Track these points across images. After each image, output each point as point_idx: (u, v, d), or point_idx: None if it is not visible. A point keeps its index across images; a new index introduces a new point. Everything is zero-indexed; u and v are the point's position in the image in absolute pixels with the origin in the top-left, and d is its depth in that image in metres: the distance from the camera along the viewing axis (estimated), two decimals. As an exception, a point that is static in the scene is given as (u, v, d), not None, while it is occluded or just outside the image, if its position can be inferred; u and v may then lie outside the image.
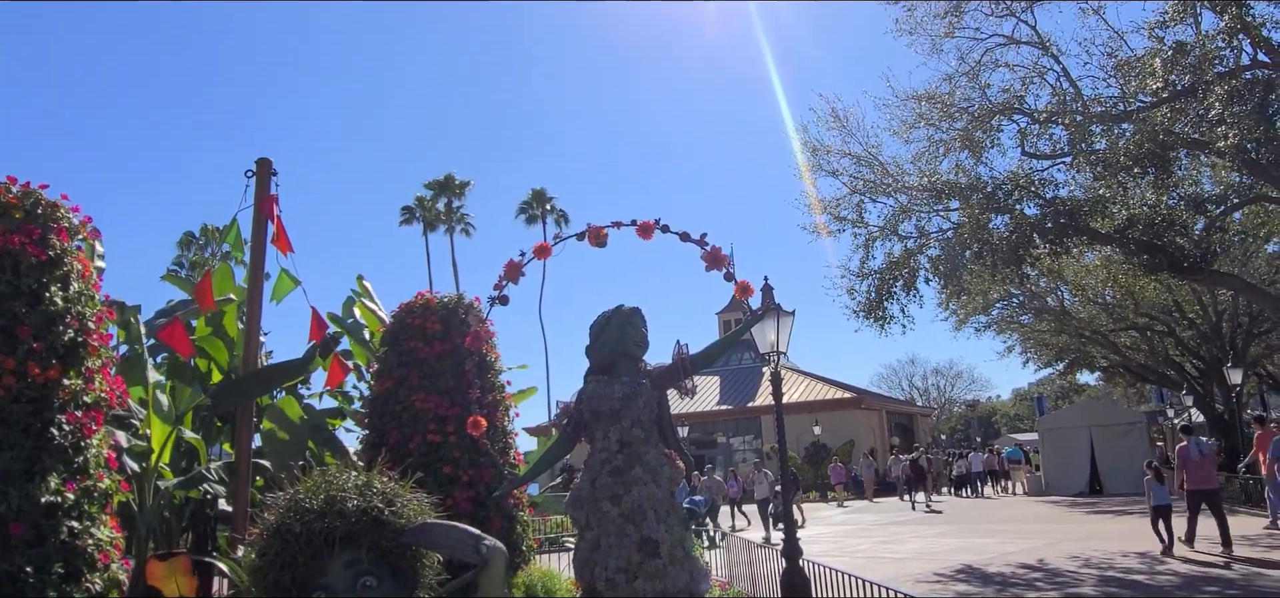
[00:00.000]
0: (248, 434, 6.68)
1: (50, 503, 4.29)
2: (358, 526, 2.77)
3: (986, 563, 13.40)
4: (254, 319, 6.89)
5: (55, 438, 4.42)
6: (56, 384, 4.52)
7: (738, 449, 39.14)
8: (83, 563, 4.39)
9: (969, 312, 28.24)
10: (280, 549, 2.75)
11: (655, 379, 5.46)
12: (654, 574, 4.91)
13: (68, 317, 4.65)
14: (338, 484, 2.86)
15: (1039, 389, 58.18)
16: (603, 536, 5.08)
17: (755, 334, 8.57)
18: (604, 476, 5.18)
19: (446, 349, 7.22)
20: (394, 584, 2.85)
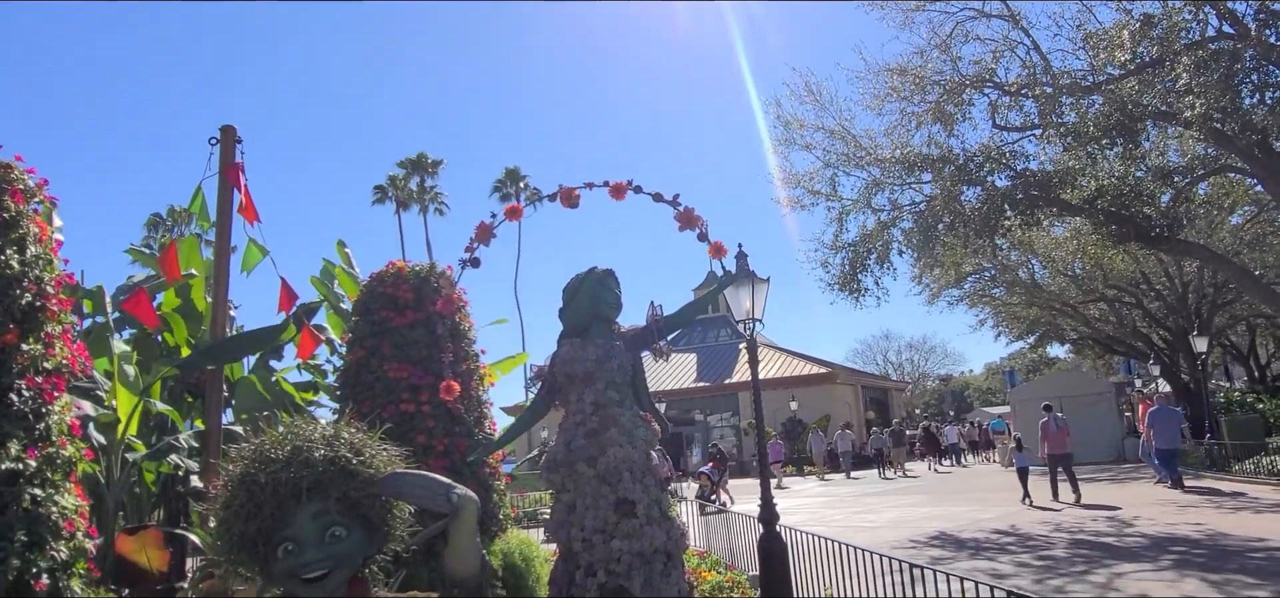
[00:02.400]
0: (217, 405, 6.58)
1: (10, 470, 4.18)
2: (325, 476, 2.69)
3: (960, 530, 13.58)
4: (221, 289, 6.77)
5: (14, 404, 4.31)
6: (14, 349, 4.40)
7: (715, 426, 39.30)
8: (47, 531, 4.30)
9: (942, 285, 28.49)
10: (245, 500, 2.67)
11: (629, 341, 5.45)
12: (631, 534, 4.91)
13: (25, 281, 4.52)
14: (304, 435, 2.78)
15: (1010, 363, 59.00)
16: (578, 497, 5.07)
17: (730, 301, 8.56)
18: (579, 438, 5.16)
19: (418, 318, 7.14)
20: (363, 535, 2.78)
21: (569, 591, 5.01)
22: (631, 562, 4.91)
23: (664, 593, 4.95)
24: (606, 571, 4.91)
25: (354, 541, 2.75)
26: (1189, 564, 9.48)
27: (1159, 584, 8.53)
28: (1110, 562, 9.91)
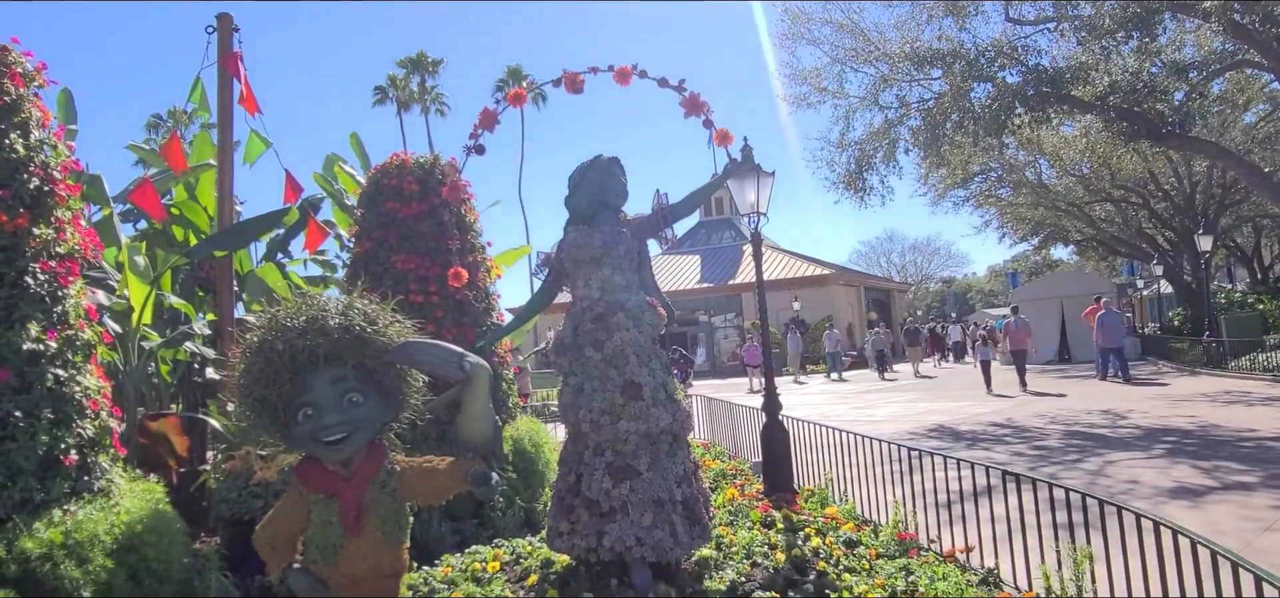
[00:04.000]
0: (229, 295, 6.66)
1: (32, 350, 4.28)
2: (340, 344, 2.78)
3: (958, 423, 13.84)
4: (225, 176, 6.77)
5: (30, 287, 4.38)
6: (26, 233, 4.44)
7: (718, 328, 39.62)
8: (72, 410, 4.42)
9: (947, 185, 28.30)
10: (264, 367, 2.76)
11: (635, 229, 5.47)
12: (637, 415, 5.03)
13: (31, 165, 4.54)
14: (318, 305, 2.86)
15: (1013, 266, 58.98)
16: (586, 380, 5.18)
17: (735, 194, 8.55)
18: (586, 322, 5.24)
19: (424, 209, 7.15)
20: (380, 402, 2.89)
21: (578, 470, 5.16)
22: (638, 442, 5.04)
23: (670, 472, 5.10)
24: (614, 451, 5.05)
25: (371, 407, 2.85)
26: (1180, 453, 9.70)
27: (1150, 470, 8.75)
28: (1103, 451, 10.14)
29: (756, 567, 5.32)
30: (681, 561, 5.28)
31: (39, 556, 3.87)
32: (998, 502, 5.22)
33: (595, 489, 4.98)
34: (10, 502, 4.02)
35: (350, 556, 2.77)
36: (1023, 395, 17.52)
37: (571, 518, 5.10)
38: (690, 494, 5.22)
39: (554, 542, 5.26)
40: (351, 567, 2.77)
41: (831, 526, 6.21)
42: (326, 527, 2.77)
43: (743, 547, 5.65)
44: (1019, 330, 19.72)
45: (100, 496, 4.45)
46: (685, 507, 5.15)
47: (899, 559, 5.30)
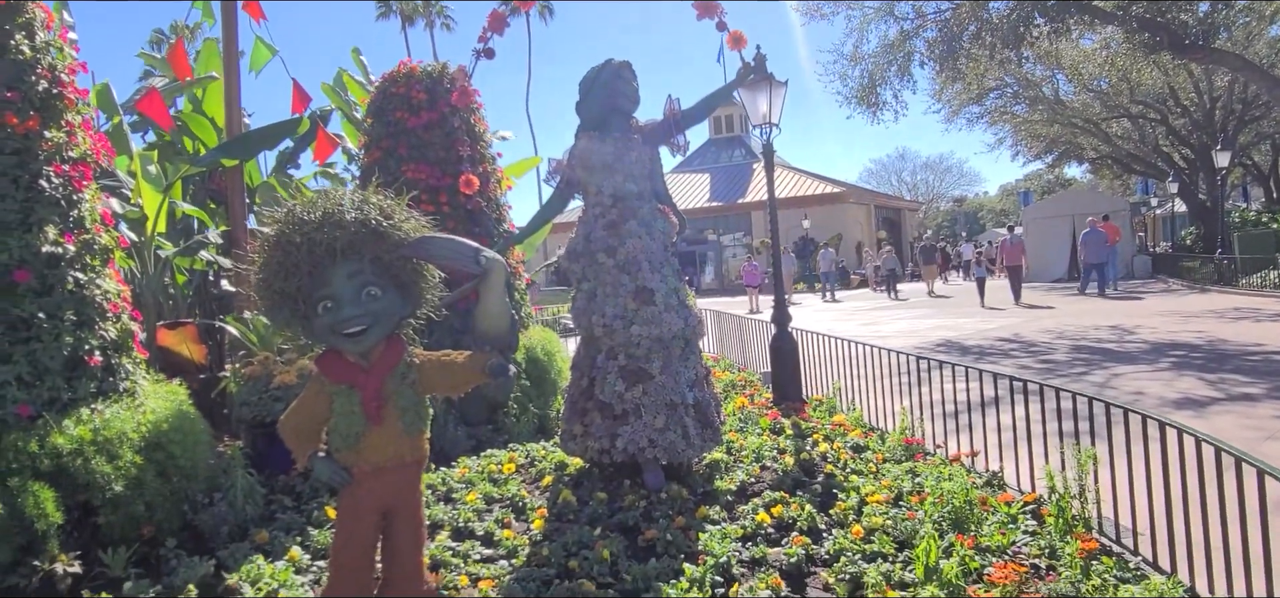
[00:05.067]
0: (241, 205, 6.68)
1: (51, 253, 4.32)
2: (357, 237, 2.80)
3: (965, 338, 13.90)
4: (233, 86, 6.72)
5: (45, 190, 4.40)
6: (37, 136, 4.44)
7: (727, 246, 39.56)
8: (93, 312, 4.49)
9: (962, 102, 27.86)
10: (283, 260, 2.79)
11: (647, 135, 5.44)
12: (649, 320, 5.08)
13: (38, 67, 4.51)
14: (334, 199, 2.87)
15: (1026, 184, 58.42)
16: (598, 286, 5.22)
17: (747, 103, 8.45)
18: (598, 229, 5.25)
19: (433, 119, 7.10)
20: (397, 297, 2.92)
21: (591, 374, 5.24)
22: (651, 346, 5.10)
23: (682, 376, 5.17)
24: (627, 355, 5.11)
25: (389, 301, 2.89)
26: (1187, 366, 9.75)
27: (1156, 383, 8.82)
28: (1109, 364, 10.20)
29: (766, 469, 5.43)
30: (693, 462, 5.39)
31: (70, 451, 3.98)
32: (1004, 412, 5.29)
33: (608, 393, 5.07)
34: (39, 400, 4.11)
35: (372, 444, 2.84)
36: (1021, 310, 18.23)
37: (585, 421, 5.19)
38: (702, 398, 5.30)
39: (568, 445, 5.37)
40: (374, 455, 2.85)
41: (839, 432, 6.31)
42: (348, 416, 2.83)
43: (752, 451, 5.76)
44: (1014, 247, 21.05)
45: (125, 396, 4.55)
46: (697, 410, 5.24)
47: (905, 463, 5.40)
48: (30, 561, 3.76)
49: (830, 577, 3.83)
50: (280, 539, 4.38)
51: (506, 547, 4.26)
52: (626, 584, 3.77)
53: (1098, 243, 20.97)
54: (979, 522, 4.25)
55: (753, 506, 4.71)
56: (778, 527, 4.45)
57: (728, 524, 4.46)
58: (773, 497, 4.78)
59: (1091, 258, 21.04)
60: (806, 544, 4.10)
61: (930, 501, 4.47)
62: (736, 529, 4.35)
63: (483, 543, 4.36)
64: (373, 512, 2.91)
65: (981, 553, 3.90)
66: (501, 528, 4.52)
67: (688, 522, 4.47)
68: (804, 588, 3.83)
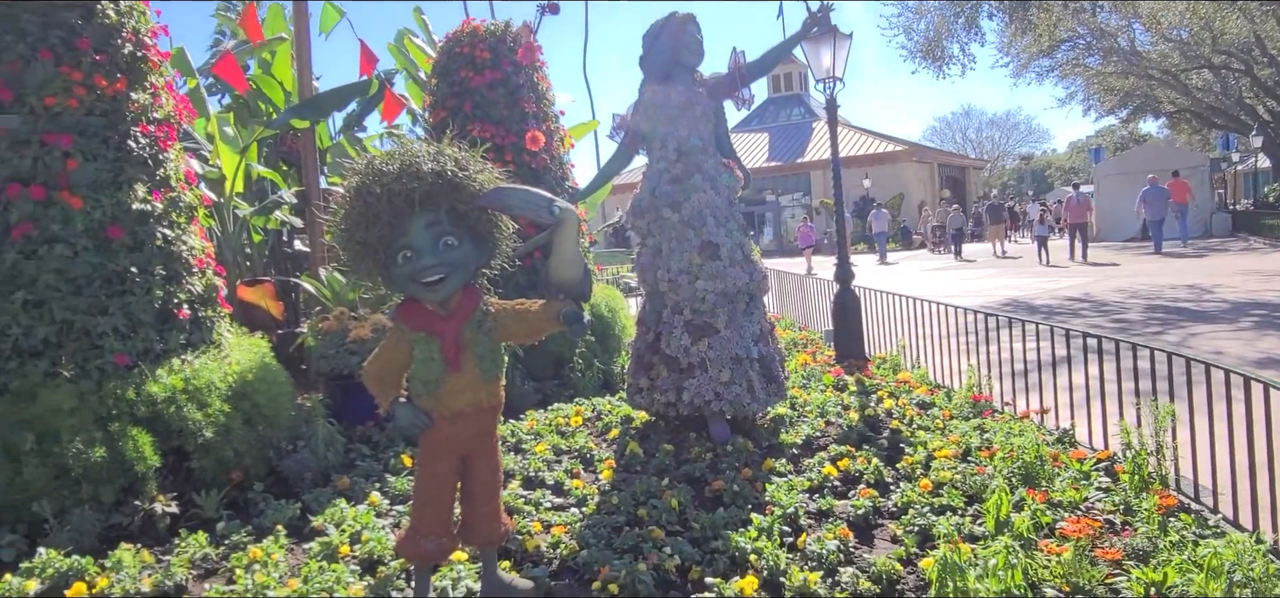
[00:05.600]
0: (313, 165, 6.86)
1: (140, 211, 4.52)
2: (434, 187, 2.86)
3: (1033, 298, 13.57)
4: (303, 48, 6.87)
5: (133, 150, 4.59)
6: (125, 97, 4.62)
7: (786, 206, 39.13)
8: (180, 267, 4.69)
9: (1032, 54, 26.86)
10: (363, 211, 2.87)
11: (712, 89, 5.42)
12: (715, 275, 5.09)
13: (123, 31, 4.69)
14: (412, 151, 2.94)
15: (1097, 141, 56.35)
16: (664, 241, 5.25)
17: (810, 58, 8.32)
18: (663, 184, 5.27)
19: (497, 77, 7.16)
20: (473, 246, 2.99)
21: (657, 328, 5.29)
22: (716, 301, 5.12)
23: (747, 330, 5.19)
24: (692, 309, 5.14)
25: (465, 250, 2.96)
26: (1270, 326, 9.38)
27: (1236, 343, 8.51)
28: (1186, 323, 9.87)
29: (830, 424, 5.43)
30: (758, 416, 5.42)
31: (164, 399, 4.19)
32: (1076, 371, 5.17)
33: (674, 347, 5.11)
34: (134, 350, 4.33)
35: (451, 390, 2.93)
36: (1089, 269, 17.82)
37: (651, 375, 5.25)
38: (766, 353, 5.31)
39: (634, 398, 5.44)
40: (453, 400, 2.94)
41: (904, 389, 6.26)
42: (428, 363, 2.92)
43: (816, 406, 5.75)
44: (1079, 205, 20.85)
45: (212, 348, 4.76)
46: (761, 364, 5.25)
47: (973, 420, 5.34)
48: (132, 501, 3.99)
49: (898, 529, 3.83)
50: (360, 485, 4.56)
51: (576, 496, 4.36)
52: (695, 532, 3.83)
53: (1158, 199, 20.84)
54: (1050, 478, 4.20)
55: (818, 459, 4.73)
56: (844, 480, 4.46)
57: (794, 477, 4.49)
58: (838, 450, 4.79)
59: (1151, 214, 20.97)
60: (874, 497, 4.10)
61: (1000, 456, 4.43)
62: (803, 482, 4.38)
63: (553, 492, 4.47)
64: (452, 455, 3.01)
65: (1053, 508, 3.85)
66: (571, 478, 4.62)
67: (754, 474, 4.51)
68: (872, 539, 3.85)
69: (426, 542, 2.99)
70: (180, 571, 3.53)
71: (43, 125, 4.30)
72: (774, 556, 3.49)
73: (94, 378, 4.14)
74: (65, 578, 3.44)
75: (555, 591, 3.38)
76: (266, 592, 3.32)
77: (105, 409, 4.07)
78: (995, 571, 2.99)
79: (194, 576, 3.63)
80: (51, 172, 4.28)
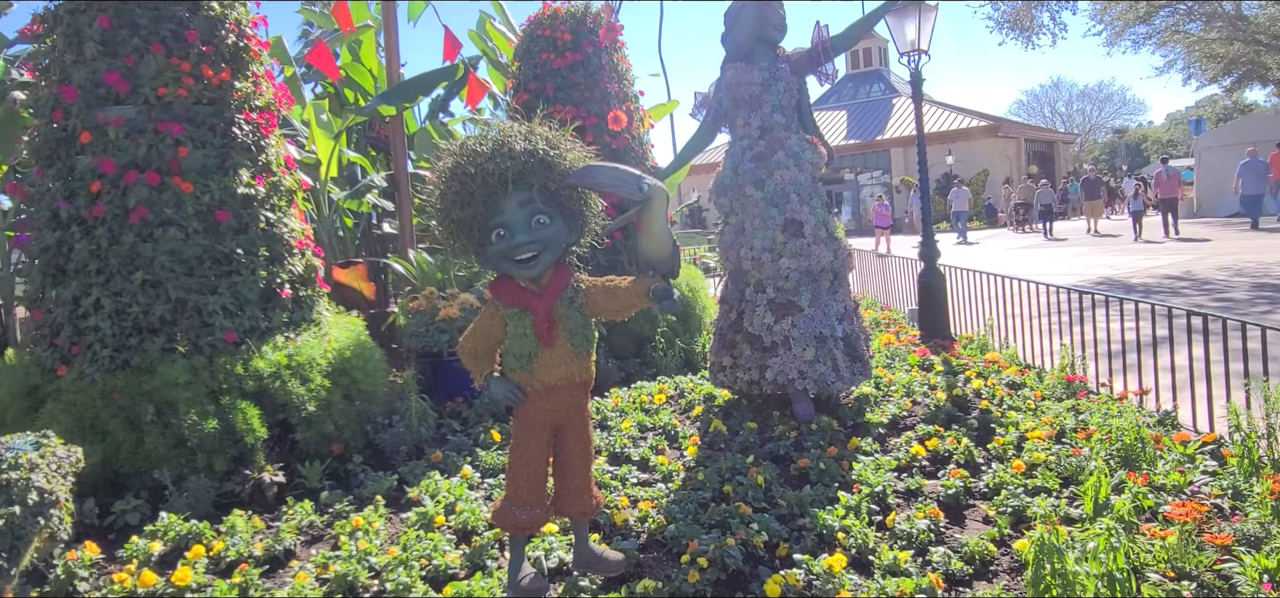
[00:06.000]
0: (402, 150, 7.05)
1: (245, 194, 4.74)
2: (526, 166, 2.93)
3: (1129, 276, 13.03)
4: (392, 35, 7.06)
5: (238, 136, 4.82)
6: (229, 86, 4.85)
7: (864, 185, 38.37)
8: (282, 248, 4.91)
9: (1127, 21, 25.64)
10: (459, 190, 2.96)
11: (795, 64, 5.36)
12: (798, 253, 5.06)
13: (227, 21, 4.91)
14: (504, 131, 3.01)
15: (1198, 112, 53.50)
16: (747, 219, 5.23)
17: (893, 31, 8.13)
18: (746, 161, 5.25)
19: (578, 59, 7.23)
20: (564, 224, 3.04)
21: (739, 307, 5.28)
22: (800, 279, 5.09)
23: (831, 308, 5.14)
24: (775, 287, 5.12)
25: (557, 228, 3.02)
26: (1394, 305, 8.80)
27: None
28: (1299, 303, 9.33)
29: (917, 404, 5.35)
30: (842, 395, 5.38)
31: (269, 374, 4.40)
32: (1179, 352, 4.96)
33: (757, 325, 5.10)
34: (241, 328, 4.55)
35: (544, 364, 3.00)
36: (1187, 247, 17.07)
37: (734, 353, 5.26)
38: (851, 331, 5.26)
39: (716, 377, 5.46)
40: (546, 374, 3.01)
41: (993, 369, 6.11)
42: (521, 338, 2.99)
43: (902, 386, 5.67)
44: (1170, 180, 20.68)
45: (312, 326, 4.97)
46: (846, 343, 5.20)
47: (1067, 401, 5.18)
48: (243, 470, 4.21)
49: (990, 510, 3.76)
50: (452, 458, 4.70)
51: (662, 471, 4.41)
52: (781, 509, 3.84)
53: (1256, 173, 19.89)
54: (1151, 460, 4.05)
55: (905, 439, 4.67)
56: (933, 460, 4.40)
57: (881, 456, 4.44)
58: (926, 430, 4.72)
59: (1248, 189, 20.04)
60: (964, 477, 4.04)
61: (1097, 438, 4.29)
62: (890, 461, 4.33)
63: (639, 467, 4.53)
64: (545, 428, 3.08)
65: (1156, 492, 3.72)
66: (656, 454, 4.67)
67: (840, 452, 4.48)
68: (963, 520, 3.79)
69: (521, 512, 3.07)
70: (289, 536, 3.72)
71: (156, 114, 4.55)
72: (862, 534, 3.47)
73: (206, 354, 4.37)
74: (185, 541, 3.67)
75: (644, 563, 3.43)
76: (369, 558, 3.47)
77: (216, 383, 4.29)
78: (1096, 554, 2.91)
79: (301, 541, 3.81)
80: (164, 158, 4.52)
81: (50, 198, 4.51)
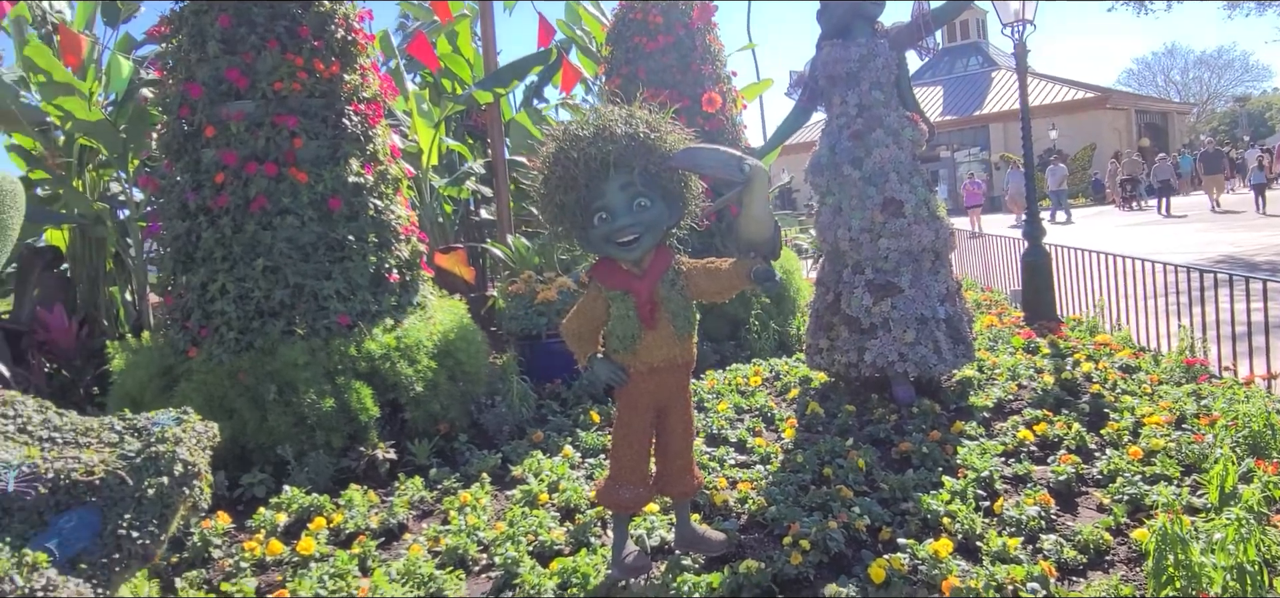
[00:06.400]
0: (499, 136, 7.20)
1: (355, 183, 4.95)
2: (627, 150, 2.96)
3: (1252, 254, 12.25)
4: (488, 25, 7.21)
5: (348, 127, 5.02)
6: (339, 79, 5.05)
7: (962, 162, 37.13)
8: (390, 235, 5.11)
9: (1251, -18, 23.94)
10: (562, 174, 3.01)
11: (894, 39, 5.23)
12: (898, 233, 4.96)
13: (336, 16, 5.11)
14: (605, 115, 3.05)
15: (1333, 76, 49.57)
16: (844, 200, 5.15)
17: (995, 3, 7.84)
18: (844, 140, 5.17)
19: (670, 42, 7.23)
20: (665, 206, 3.07)
21: (837, 288, 5.22)
22: (899, 259, 4.99)
23: (933, 289, 5.02)
24: (874, 268, 5.04)
25: (658, 211, 3.04)
26: None
27: None
28: None
29: (1023, 387, 5.19)
30: (944, 378, 5.26)
31: (380, 356, 4.60)
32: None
33: (855, 307, 5.03)
34: (353, 311, 4.76)
35: (647, 346, 3.04)
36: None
37: (831, 335, 5.20)
38: (953, 313, 5.13)
39: (813, 359, 5.40)
40: (649, 356, 3.05)
41: (1104, 352, 5.86)
42: (624, 320, 3.04)
43: (1007, 369, 5.50)
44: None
45: (418, 309, 5.15)
46: (948, 325, 5.08)
47: (1187, 385, 4.93)
48: (357, 447, 4.41)
49: (1105, 497, 3.63)
50: (553, 439, 4.82)
51: (759, 453, 4.41)
52: (883, 493, 3.79)
53: None
54: (1284, 448, 3.83)
55: (1012, 423, 4.53)
56: (1041, 445, 4.26)
57: (986, 440, 4.33)
58: (1034, 415, 4.57)
59: None
60: (1076, 463, 3.90)
61: (1221, 424, 4.07)
62: (996, 446, 4.22)
63: (736, 449, 4.54)
64: (648, 409, 3.12)
65: (1289, 481, 3.52)
66: (753, 436, 4.67)
67: (943, 436, 4.39)
68: (1075, 507, 3.67)
69: (624, 491, 3.13)
70: (402, 510, 3.88)
71: (272, 108, 4.78)
72: (969, 519, 3.40)
73: (322, 336, 4.59)
74: (307, 513, 3.87)
75: (745, 544, 3.45)
76: (478, 532, 3.59)
77: (332, 364, 4.51)
78: (1224, 545, 2.78)
79: (413, 516, 3.98)
80: (281, 150, 4.75)
81: (179, 190, 4.80)
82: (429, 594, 3.18)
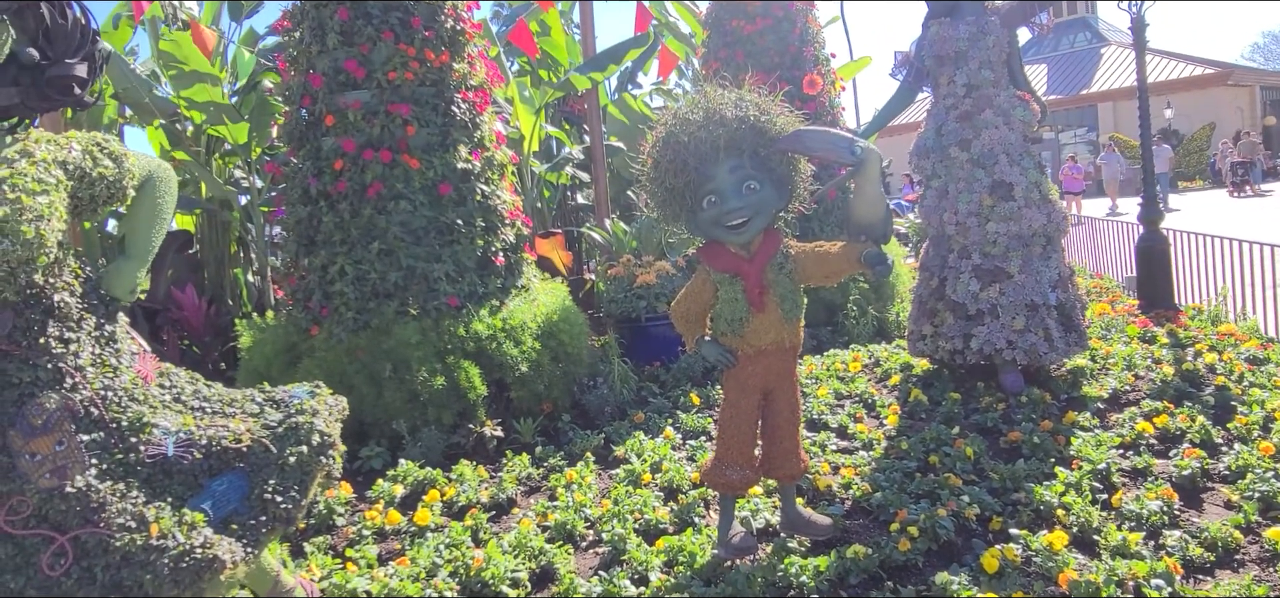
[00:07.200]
0: (597, 123, 7.29)
1: (463, 169, 5.11)
2: (737, 133, 2.97)
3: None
4: (587, 11, 7.28)
5: (457, 115, 5.18)
6: (448, 68, 5.21)
7: (1067, 144, 35.54)
8: (496, 219, 5.26)
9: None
10: (672, 158, 3.05)
11: (1004, 16, 5.07)
12: (1008, 216, 4.82)
13: (445, 7, 5.26)
14: (715, 99, 3.07)
15: None
16: (950, 183, 5.03)
17: (1114, -25, 7.47)
18: (950, 121, 5.05)
19: (768, 23, 7.17)
20: (773, 190, 3.07)
21: (941, 274, 5.11)
22: (1008, 244, 4.85)
23: (1044, 275, 4.87)
24: (981, 253, 4.91)
25: (766, 194, 3.05)
26: None
27: None
28: None
29: (1140, 378, 4.98)
30: (1054, 367, 5.10)
31: (487, 336, 4.75)
32: None
33: (961, 292, 4.92)
34: (462, 293, 4.92)
35: (755, 329, 3.06)
36: None
37: (935, 322, 5.10)
38: (1066, 299, 4.96)
39: (915, 346, 5.31)
40: (756, 339, 3.07)
41: (1229, 342, 5.56)
42: (732, 303, 3.06)
43: (1122, 358, 5.29)
44: None
45: (522, 292, 5.29)
46: (1060, 312, 4.92)
47: (1323, 379, 4.65)
48: (466, 425, 4.58)
49: (1233, 494, 3.47)
50: (654, 420, 4.89)
51: (862, 439, 4.38)
52: (992, 482, 3.72)
53: None
54: None
55: (1129, 415, 4.36)
56: (1162, 438, 4.10)
57: (1101, 432, 4.19)
58: (1152, 406, 4.39)
59: None
60: (1201, 458, 3.74)
61: (1365, 420, 3.84)
62: (1113, 437, 4.08)
63: (837, 435, 4.51)
64: (756, 391, 3.14)
65: None
66: (855, 422, 4.64)
67: (1055, 426, 4.26)
68: (1200, 503, 3.52)
69: (731, 472, 3.16)
70: (510, 486, 4.02)
71: (387, 97, 4.97)
72: (1085, 511, 3.31)
73: (432, 316, 4.77)
74: (422, 486, 4.05)
75: (850, 529, 3.44)
76: (584, 509, 3.69)
77: (442, 344, 4.68)
78: (1370, 545, 2.64)
79: (521, 491, 4.11)
80: (394, 137, 4.94)
81: (301, 176, 5.05)
82: (540, 566, 3.29)
